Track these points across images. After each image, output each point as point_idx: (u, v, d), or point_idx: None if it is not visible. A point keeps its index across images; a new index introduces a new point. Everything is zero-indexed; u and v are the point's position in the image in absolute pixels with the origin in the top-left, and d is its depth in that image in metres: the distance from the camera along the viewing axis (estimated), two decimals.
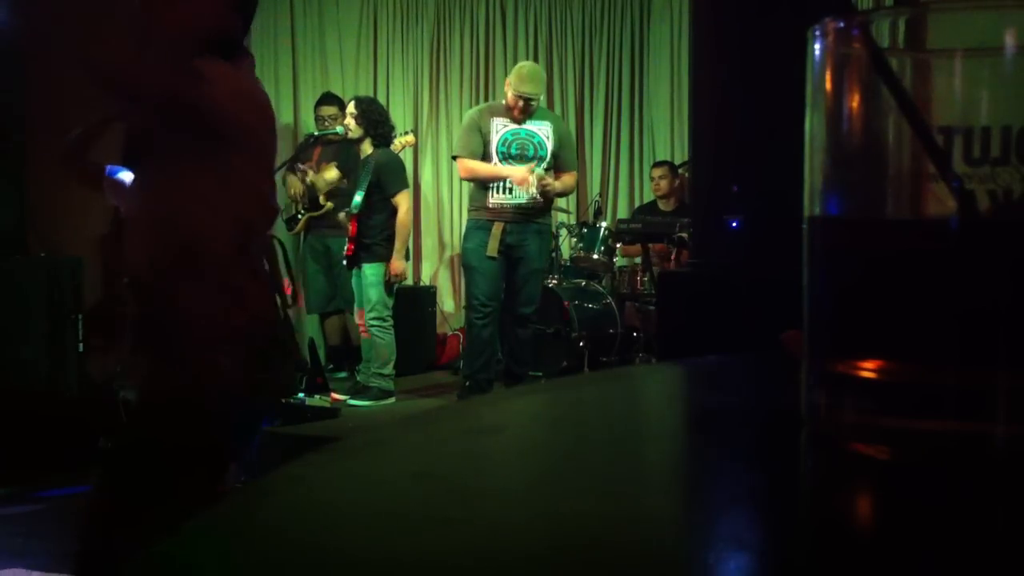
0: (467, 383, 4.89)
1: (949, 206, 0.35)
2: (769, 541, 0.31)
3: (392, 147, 5.41)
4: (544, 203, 4.79)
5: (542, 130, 4.81)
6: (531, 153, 4.75)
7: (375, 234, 5.07)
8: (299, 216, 5.93)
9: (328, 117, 5.82)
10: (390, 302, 5.16)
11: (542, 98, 4.84)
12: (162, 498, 1.57)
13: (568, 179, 4.91)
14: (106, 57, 1.73)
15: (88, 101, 1.88)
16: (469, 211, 4.98)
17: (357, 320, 5.42)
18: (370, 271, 5.08)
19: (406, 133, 5.85)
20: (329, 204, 5.77)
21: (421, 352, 6.29)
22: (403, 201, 5.12)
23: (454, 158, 4.99)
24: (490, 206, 4.75)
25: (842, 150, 0.39)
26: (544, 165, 4.76)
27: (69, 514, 1.72)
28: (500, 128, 4.77)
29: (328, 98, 6.07)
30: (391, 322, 5.14)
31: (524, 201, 4.70)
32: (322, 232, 5.78)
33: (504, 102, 4.79)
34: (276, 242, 2.03)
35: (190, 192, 1.72)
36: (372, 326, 5.09)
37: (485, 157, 4.78)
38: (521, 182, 4.67)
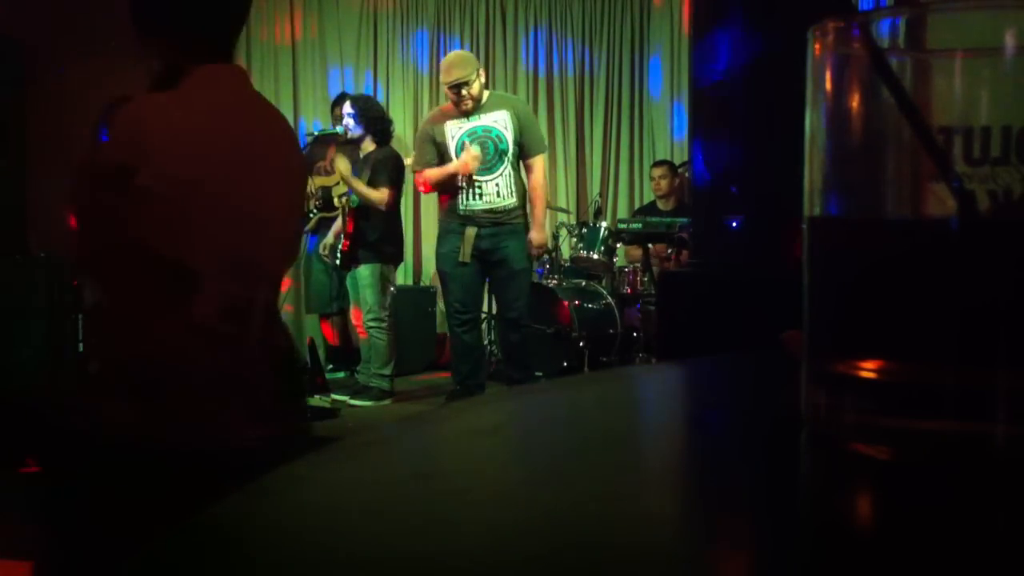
0: (457, 388, 4.81)
1: (949, 206, 0.35)
2: (769, 541, 0.31)
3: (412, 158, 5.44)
4: (517, 202, 4.60)
5: (499, 120, 4.55)
6: (492, 150, 4.52)
7: (371, 233, 5.05)
8: (310, 215, 5.93)
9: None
10: (387, 303, 5.14)
11: (474, 80, 4.48)
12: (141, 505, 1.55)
13: (537, 170, 4.61)
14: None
15: (88, 102, 1.85)
16: (441, 213, 4.79)
17: (353, 320, 5.40)
18: (365, 272, 5.03)
19: None
20: (342, 203, 5.77)
21: (421, 352, 6.29)
22: (384, 193, 4.94)
23: (416, 171, 4.75)
24: (460, 210, 4.60)
25: (842, 150, 0.39)
26: (508, 158, 4.54)
27: (67, 514, 1.70)
28: (455, 132, 4.57)
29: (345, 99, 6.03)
30: (388, 323, 5.12)
31: (495, 205, 4.56)
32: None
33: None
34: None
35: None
36: (370, 328, 5.07)
37: (446, 164, 4.58)
38: (466, 168, 4.46)
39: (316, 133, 5.69)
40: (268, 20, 6.90)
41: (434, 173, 4.59)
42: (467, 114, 4.54)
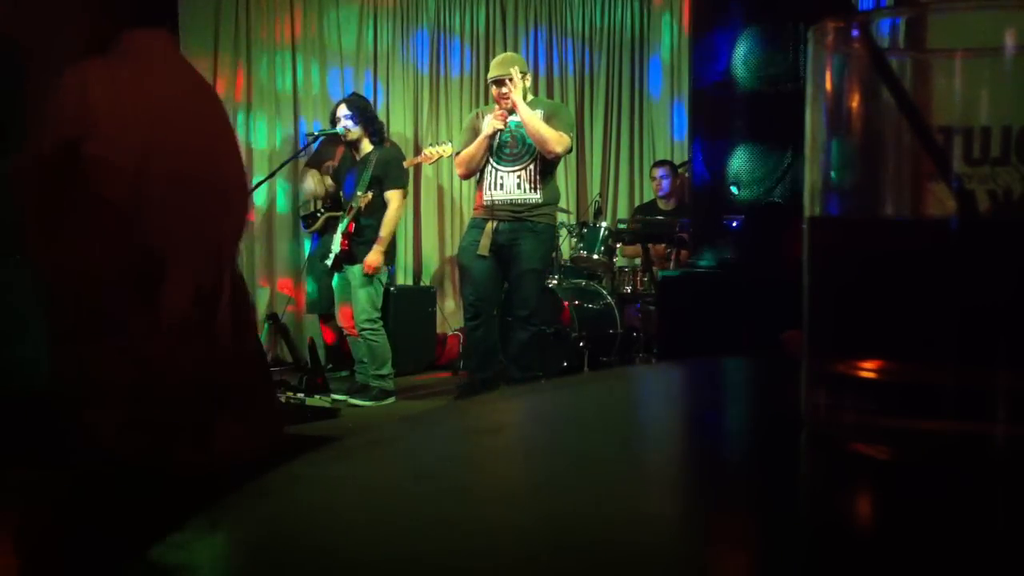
0: (464, 383, 4.98)
1: (949, 206, 0.35)
2: (769, 541, 0.31)
3: (423, 156, 5.54)
4: (541, 200, 4.75)
5: None
6: (520, 145, 4.76)
7: (372, 232, 5.04)
8: (318, 215, 5.91)
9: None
10: (379, 302, 5.11)
11: (520, 83, 4.70)
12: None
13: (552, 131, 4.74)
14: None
15: None
16: (474, 210, 5.05)
17: (340, 322, 5.34)
18: (359, 271, 5.02)
19: (443, 143, 5.91)
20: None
21: (421, 352, 6.29)
22: (395, 199, 5.08)
23: (456, 154, 5.01)
24: (484, 203, 4.79)
25: (842, 150, 0.39)
26: (536, 154, 4.73)
27: (61, 513, 1.68)
28: None
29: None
30: (381, 323, 5.10)
31: (516, 197, 4.71)
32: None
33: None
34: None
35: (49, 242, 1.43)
36: (364, 330, 5.01)
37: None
38: (493, 124, 4.70)
39: (316, 132, 5.67)
40: (268, 20, 6.90)
41: (473, 147, 4.80)
42: (508, 111, 4.74)
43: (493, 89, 4.80)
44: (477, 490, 0.36)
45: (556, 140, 4.67)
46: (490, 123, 4.73)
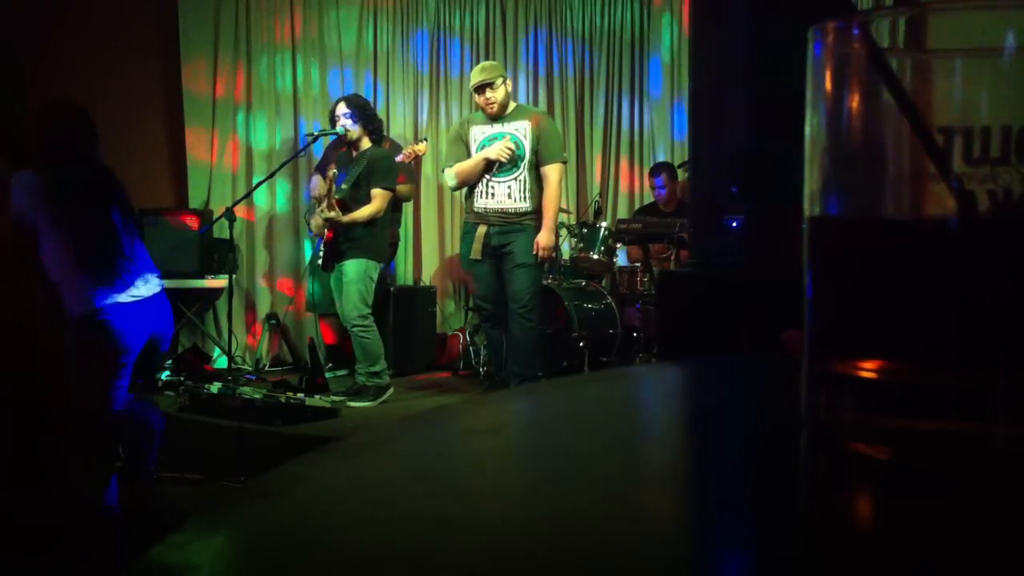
0: (485, 380, 5.39)
1: (949, 206, 0.35)
2: (769, 541, 0.31)
3: (402, 156, 5.53)
4: (530, 206, 4.85)
5: (520, 129, 4.88)
6: (512, 156, 4.82)
7: (360, 230, 4.98)
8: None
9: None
10: (370, 299, 5.06)
11: (498, 86, 4.80)
12: None
13: (551, 179, 4.84)
14: None
15: (89, 102, 1.81)
16: (463, 215, 5.17)
17: (343, 320, 5.29)
18: (350, 268, 4.97)
19: (419, 141, 5.93)
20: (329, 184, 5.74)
21: (421, 352, 6.28)
22: (379, 197, 4.99)
23: (444, 171, 5.08)
24: (475, 209, 4.93)
25: (842, 150, 0.39)
26: (523, 164, 4.81)
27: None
28: (478, 136, 4.91)
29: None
30: (372, 319, 5.07)
31: (506, 206, 4.84)
32: None
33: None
34: None
35: None
36: (355, 327, 4.97)
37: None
38: (499, 155, 4.77)
39: (316, 133, 5.66)
40: (268, 20, 6.90)
41: (468, 165, 4.88)
42: (493, 119, 4.86)
43: (478, 98, 4.87)
44: (477, 490, 0.36)
45: (559, 193, 4.93)
46: (498, 152, 4.76)
